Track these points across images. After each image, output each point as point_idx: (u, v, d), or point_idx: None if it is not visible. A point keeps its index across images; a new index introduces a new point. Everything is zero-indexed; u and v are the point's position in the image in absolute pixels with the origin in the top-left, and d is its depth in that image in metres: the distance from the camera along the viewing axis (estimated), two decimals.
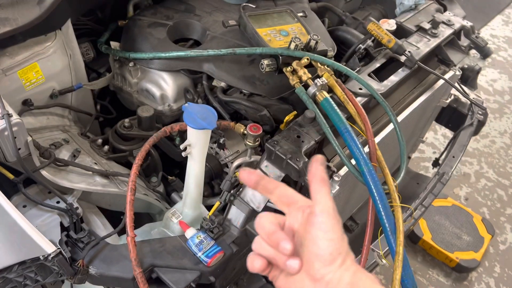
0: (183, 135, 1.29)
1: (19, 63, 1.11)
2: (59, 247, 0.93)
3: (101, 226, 1.13)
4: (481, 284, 2.39)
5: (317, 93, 1.16)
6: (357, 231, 1.80)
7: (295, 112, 1.25)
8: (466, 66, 1.85)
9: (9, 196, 1.05)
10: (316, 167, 0.60)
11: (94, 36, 1.49)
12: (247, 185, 0.64)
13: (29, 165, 1.01)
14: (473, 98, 1.83)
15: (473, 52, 3.86)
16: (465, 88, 1.81)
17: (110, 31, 1.48)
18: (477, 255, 2.40)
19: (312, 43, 1.23)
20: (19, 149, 0.97)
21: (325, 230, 0.56)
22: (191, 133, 1.05)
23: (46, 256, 0.91)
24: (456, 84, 1.64)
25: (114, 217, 1.23)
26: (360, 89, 1.25)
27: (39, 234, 0.90)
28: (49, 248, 0.90)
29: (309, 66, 1.23)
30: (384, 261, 1.21)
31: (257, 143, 1.17)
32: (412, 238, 2.48)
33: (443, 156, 1.80)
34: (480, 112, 1.82)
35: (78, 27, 1.40)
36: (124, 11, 1.50)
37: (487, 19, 4.41)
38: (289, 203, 0.62)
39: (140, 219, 1.37)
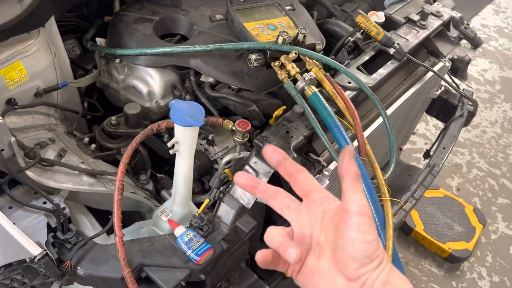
0: (171, 131, 1.28)
1: (1, 62, 1.09)
2: (45, 248, 0.92)
3: (89, 226, 1.12)
4: (473, 273, 2.41)
5: (306, 87, 1.15)
6: None
7: (284, 107, 1.24)
8: (456, 57, 1.85)
9: None
10: (349, 162, 0.56)
11: (80, 32, 1.47)
12: (268, 162, 0.61)
13: (13, 165, 0.99)
14: (464, 89, 1.83)
15: (464, 42, 3.86)
16: (456, 79, 1.81)
17: (95, 27, 1.46)
18: (469, 245, 2.41)
19: (300, 37, 1.22)
20: (3, 150, 0.95)
21: (363, 231, 0.54)
22: (179, 130, 1.04)
23: (32, 258, 0.89)
24: (446, 75, 1.64)
25: (104, 216, 1.22)
26: (349, 82, 1.25)
27: (24, 236, 0.89)
28: (35, 250, 0.89)
29: (298, 60, 1.22)
30: None
31: (246, 139, 1.16)
32: (405, 230, 2.49)
33: (434, 148, 1.80)
34: (470, 103, 1.82)
35: (63, 24, 1.38)
36: (110, 7, 1.48)
37: (477, 9, 4.41)
38: (308, 191, 0.60)
39: (131, 217, 1.36)
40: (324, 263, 0.58)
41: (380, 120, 1.33)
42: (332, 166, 1.18)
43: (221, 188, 1.10)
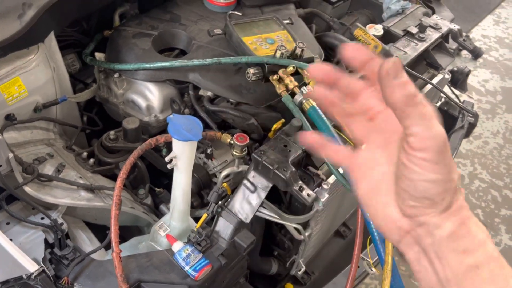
0: (170, 146, 1.28)
1: (0, 78, 1.10)
2: (42, 265, 0.91)
3: (87, 241, 1.11)
4: None
5: (304, 101, 1.15)
6: (351, 237, 1.80)
7: (283, 120, 1.24)
8: (455, 68, 1.85)
9: None
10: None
11: (80, 47, 1.48)
12: (350, 63, 0.48)
13: (11, 181, 0.99)
14: (464, 101, 1.83)
15: (464, 53, 3.86)
16: (456, 91, 1.81)
17: (95, 42, 1.47)
18: None
19: (298, 50, 1.22)
20: (0, 166, 0.95)
21: (424, 169, 0.42)
22: (177, 145, 1.04)
23: (29, 275, 0.89)
24: (446, 87, 1.64)
25: (102, 230, 1.21)
26: None
27: (21, 253, 0.89)
28: (31, 267, 0.88)
29: (296, 74, 1.22)
30: (373, 269, 1.19)
31: (244, 153, 1.16)
32: None
33: None
34: (471, 115, 1.82)
35: (63, 39, 1.39)
36: (110, 21, 1.49)
37: (478, 20, 4.42)
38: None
39: (129, 232, 1.35)
40: (385, 176, 0.48)
41: None
42: (331, 179, 1.18)
43: (219, 202, 1.10)
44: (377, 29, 1.46)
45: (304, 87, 1.16)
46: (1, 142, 0.94)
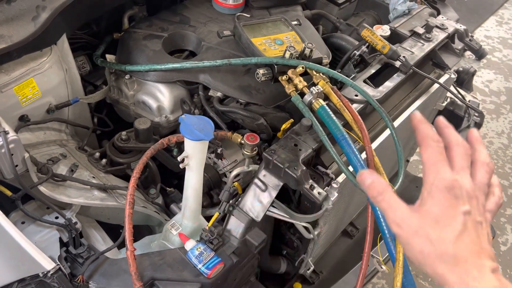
0: (180, 146, 1.29)
1: (15, 79, 1.12)
2: (58, 263, 0.93)
3: (100, 240, 1.13)
4: None
5: (313, 101, 1.16)
6: (358, 237, 1.80)
7: (292, 120, 1.25)
8: (461, 68, 1.86)
9: (7, 212, 1.05)
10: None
11: (90, 49, 1.50)
12: None
13: (26, 181, 1.01)
14: (470, 101, 1.83)
15: (468, 53, 3.86)
16: (461, 91, 1.82)
17: (105, 44, 1.48)
18: None
19: (307, 51, 1.24)
20: (16, 166, 0.97)
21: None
22: (189, 144, 1.05)
23: (45, 272, 0.90)
24: (452, 87, 1.65)
25: (114, 230, 1.22)
26: (356, 95, 1.26)
27: (38, 251, 0.90)
28: (48, 265, 0.90)
29: (305, 74, 1.23)
30: (384, 267, 1.20)
31: (254, 152, 1.17)
32: None
33: None
34: (477, 114, 1.82)
35: (73, 41, 1.41)
36: (119, 24, 1.51)
37: (481, 21, 4.43)
38: None
39: (140, 231, 1.36)
40: None
41: (387, 132, 1.33)
42: (340, 178, 1.19)
43: (231, 201, 1.11)
44: (384, 30, 1.47)
45: (313, 87, 1.17)
46: (17, 142, 0.96)
